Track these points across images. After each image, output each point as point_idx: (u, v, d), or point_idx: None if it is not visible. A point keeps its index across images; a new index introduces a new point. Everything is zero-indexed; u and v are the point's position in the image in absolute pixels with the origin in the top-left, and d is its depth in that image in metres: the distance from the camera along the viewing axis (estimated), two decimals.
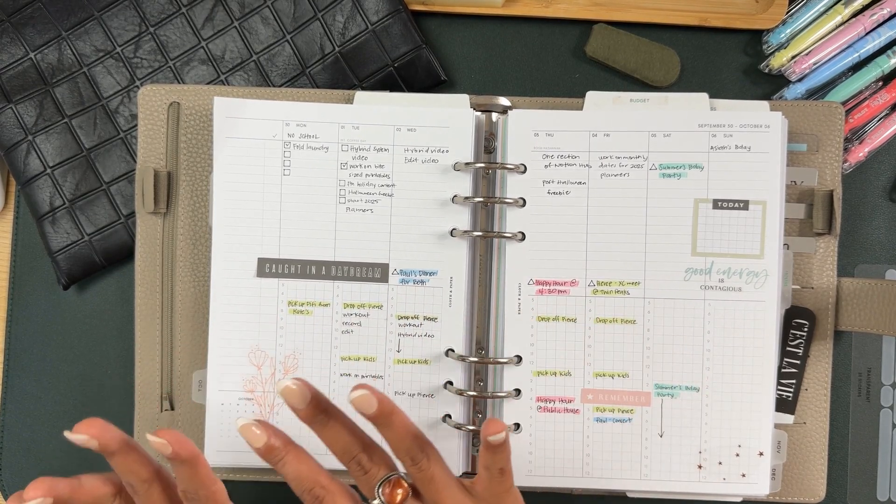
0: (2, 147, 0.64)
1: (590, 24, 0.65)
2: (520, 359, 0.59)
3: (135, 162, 0.64)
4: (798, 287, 0.61)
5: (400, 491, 0.48)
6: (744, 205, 0.58)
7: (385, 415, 0.47)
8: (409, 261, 0.60)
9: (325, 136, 0.60)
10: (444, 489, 0.49)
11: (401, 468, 0.50)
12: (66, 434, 0.46)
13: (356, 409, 0.47)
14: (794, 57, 0.64)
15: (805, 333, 0.60)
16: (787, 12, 0.64)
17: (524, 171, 0.59)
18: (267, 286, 0.60)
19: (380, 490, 0.48)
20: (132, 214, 0.64)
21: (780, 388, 0.60)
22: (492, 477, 0.50)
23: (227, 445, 0.60)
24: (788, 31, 0.64)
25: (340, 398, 0.60)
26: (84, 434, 0.46)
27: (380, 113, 0.60)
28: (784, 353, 0.60)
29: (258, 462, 0.54)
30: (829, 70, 0.64)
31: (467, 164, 0.59)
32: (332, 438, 0.49)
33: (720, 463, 0.58)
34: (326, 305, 0.60)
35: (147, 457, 0.48)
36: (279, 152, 0.60)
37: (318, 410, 0.48)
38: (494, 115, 0.61)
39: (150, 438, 0.46)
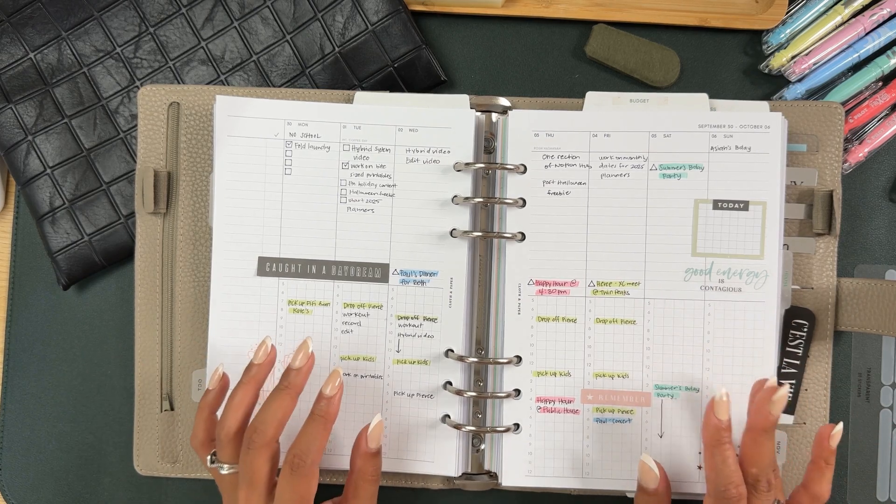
0: (2, 147, 0.64)
1: (590, 24, 0.65)
2: (520, 359, 0.59)
3: (135, 162, 0.64)
4: (798, 287, 0.61)
5: None
6: (744, 205, 0.58)
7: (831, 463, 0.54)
8: (409, 261, 0.60)
9: (326, 136, 0.60)
10: None
11: None
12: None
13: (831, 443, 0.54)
14: (793, 57, 0.64)
15: (805, 334, 0.60)
16: (787, 12, 0.64)
17: (524, 172, 0.59)
18: (267, 285, 0.60)
19: None
20: (132, 214, 0.64)
21: None
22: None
23: None
24: (788, 31, 0.64)
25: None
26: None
27: (382, 113, 0.60)
28: (784, 354, 0.60)
29: None
30: (828, 70, 0.64)
31: (467, 164, 0.59)
32: (764, 452, 0.53)
33: None
34: (326, 305, 0.60)
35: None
36: (281, 151, 0.60)
37: (775, 425, 0.53)
38: (494, 116, 0.61)
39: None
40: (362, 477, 0.55)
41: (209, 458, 0.55)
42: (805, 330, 0.60)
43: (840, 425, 0.54)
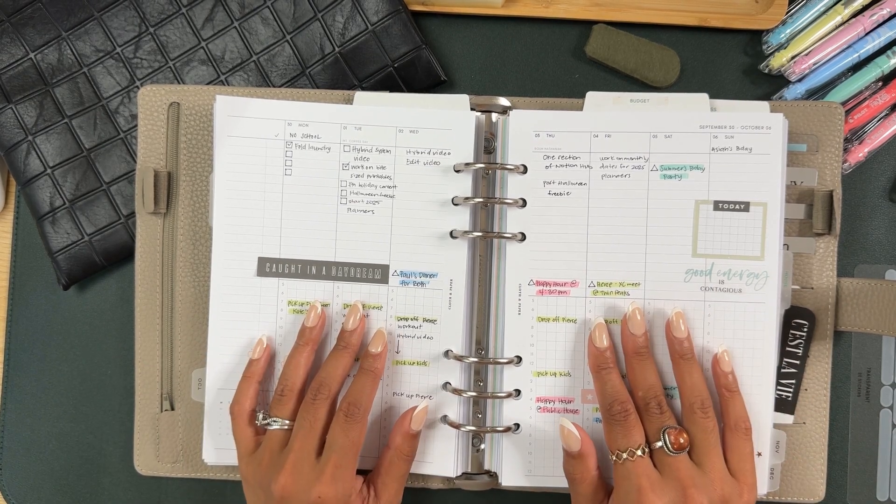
0: (2, 147, 0.64)
1: (590, 24, 0.65)
2: (520, 359, 0.59)
3: (135, 162, 0.64)
4: (798, 287, 0.61)
5: (682, 439, 0.53)
6: (744, 206, 0.58)
7: (691, 356, 0.56)
8: (409, 262, 0.60)
9: (327, 137, 0.60)
10: (715, 445, 0.54)
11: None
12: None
13: (673, 333, 0.57)
14: (793, 57, 0.64)
15: (805, 333, 0.60)
16: (787, 12, 0.64)
17: (524, 172, 0.59)
18: (267, 285, 0.60)
19: (665, 433, 0.54)
20: (132, 214, 0.64)
21: (779, 388, 0.60)
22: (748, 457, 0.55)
23: (225, 443, 0.60)
24: (788, 31, 0.64)
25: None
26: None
27: (383, 114, 0.60)
28: (784, 354, 0.60)
29: None
30: (828, 70, 0.64)
31: (467, 164, 0.59)
32: (646, 373, 0.56)
33: None
34: (326, 306, 0.60)
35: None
36: (281, 152, 0.60)
37: (648, 344, 0.57)
38: (494, 116, 0.61)
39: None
40: (398, 455, 0.57)
41: (260, 415, 0.57)
42: (805, 330, 0.61)
43: (724, 351, 0.57)
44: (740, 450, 0.55)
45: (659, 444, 0.54)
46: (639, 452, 0.53)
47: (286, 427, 0.56)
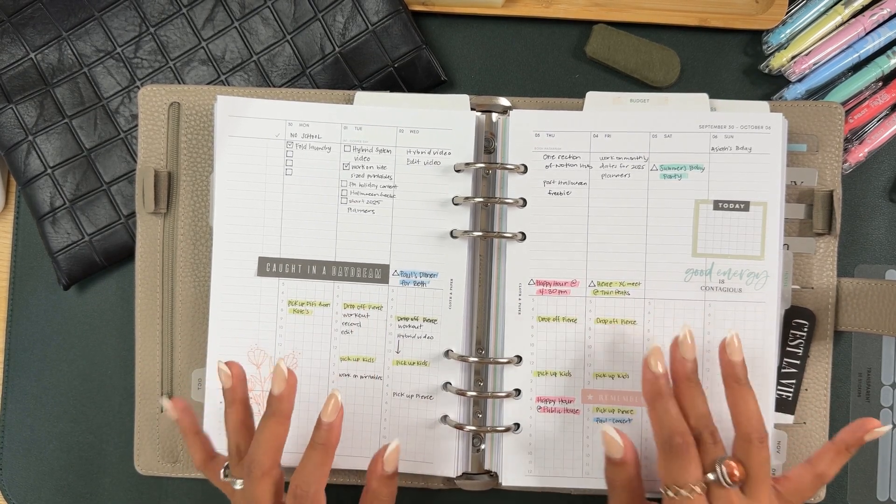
0: (2, 147, 0.64)
1: (590, 24, 0.65)
2: (520, 359, 0.59)
3: (135, 162, 0.64)
4: (798, 287, 0.61)
5: (738, 472, 0.50)
6: (744, 206, 0.58)
7: (747, 381, 0.52)
8: (409, 262, 0.60)
9: (327, 137, 0.60)
10: (767, 475, 0.51)
11: None
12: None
13: (730, 356, 0.53)
14: (793, 57, 0.64)
15: (805, 333, 0.60)
16: (787, 13, 0.64)
17: (525, 172, 0.59)
18: (267, 285, 0.60)
19: (722, 466, 0.50)
20: (132, 214, 0.64)
21: (780, 388, 0.60)
22: (813, 484, 0.53)
23: (225, 444, 0.60)
24: (788, 31, 0.64)
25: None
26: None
27: (383, 114, 0.60)
28: (784, 354, 0.60)
29: None
30: (828, 70, 0.64)
31: (468, 164, 0.59)
32: (696, 401, 0.52)
33: None
34: (326, 305, 0.60)
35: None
36: (281, 152, 0.60)
37: (697, 369, 0.53)
38: (495, 116, 0.61)
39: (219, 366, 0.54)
40: (377, 498, 0.54)
41: (222, 471, 0.54)
42: (805, 330, 0.61)
43: (887, 428, 0.53)
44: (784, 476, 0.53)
45: (712, 476, 0.50)
46: (697, 489, 0.50)
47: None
